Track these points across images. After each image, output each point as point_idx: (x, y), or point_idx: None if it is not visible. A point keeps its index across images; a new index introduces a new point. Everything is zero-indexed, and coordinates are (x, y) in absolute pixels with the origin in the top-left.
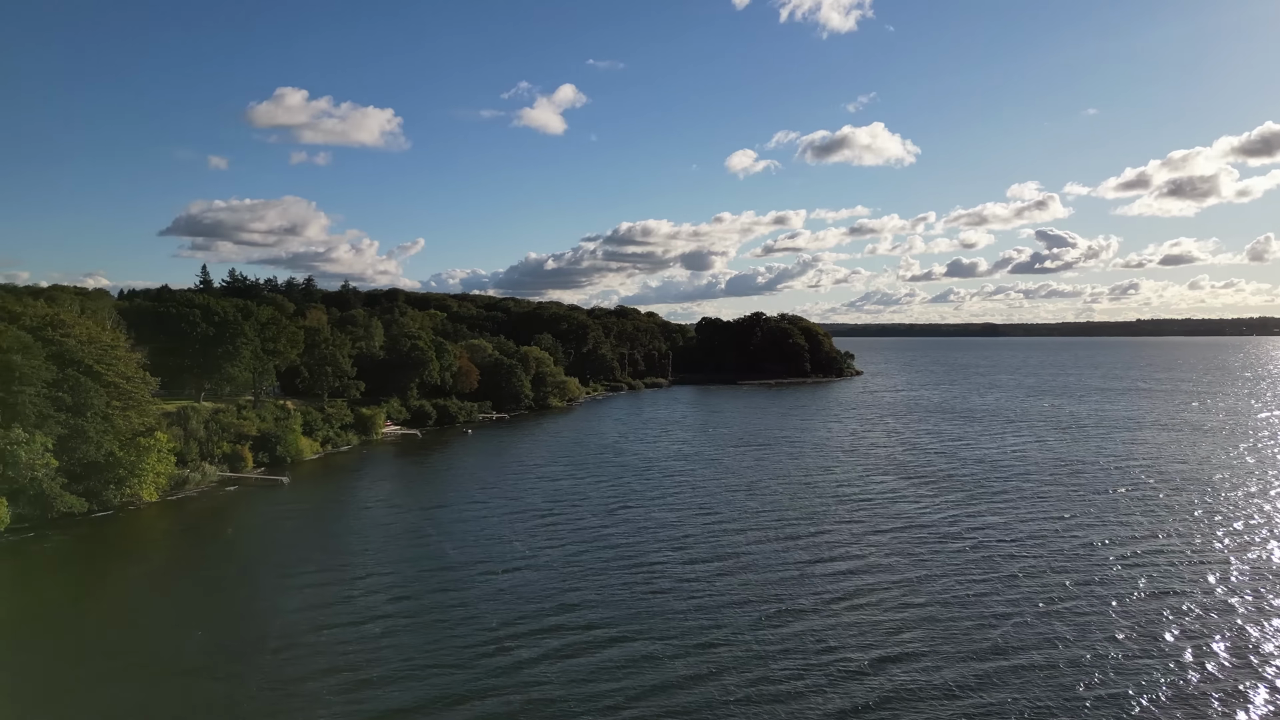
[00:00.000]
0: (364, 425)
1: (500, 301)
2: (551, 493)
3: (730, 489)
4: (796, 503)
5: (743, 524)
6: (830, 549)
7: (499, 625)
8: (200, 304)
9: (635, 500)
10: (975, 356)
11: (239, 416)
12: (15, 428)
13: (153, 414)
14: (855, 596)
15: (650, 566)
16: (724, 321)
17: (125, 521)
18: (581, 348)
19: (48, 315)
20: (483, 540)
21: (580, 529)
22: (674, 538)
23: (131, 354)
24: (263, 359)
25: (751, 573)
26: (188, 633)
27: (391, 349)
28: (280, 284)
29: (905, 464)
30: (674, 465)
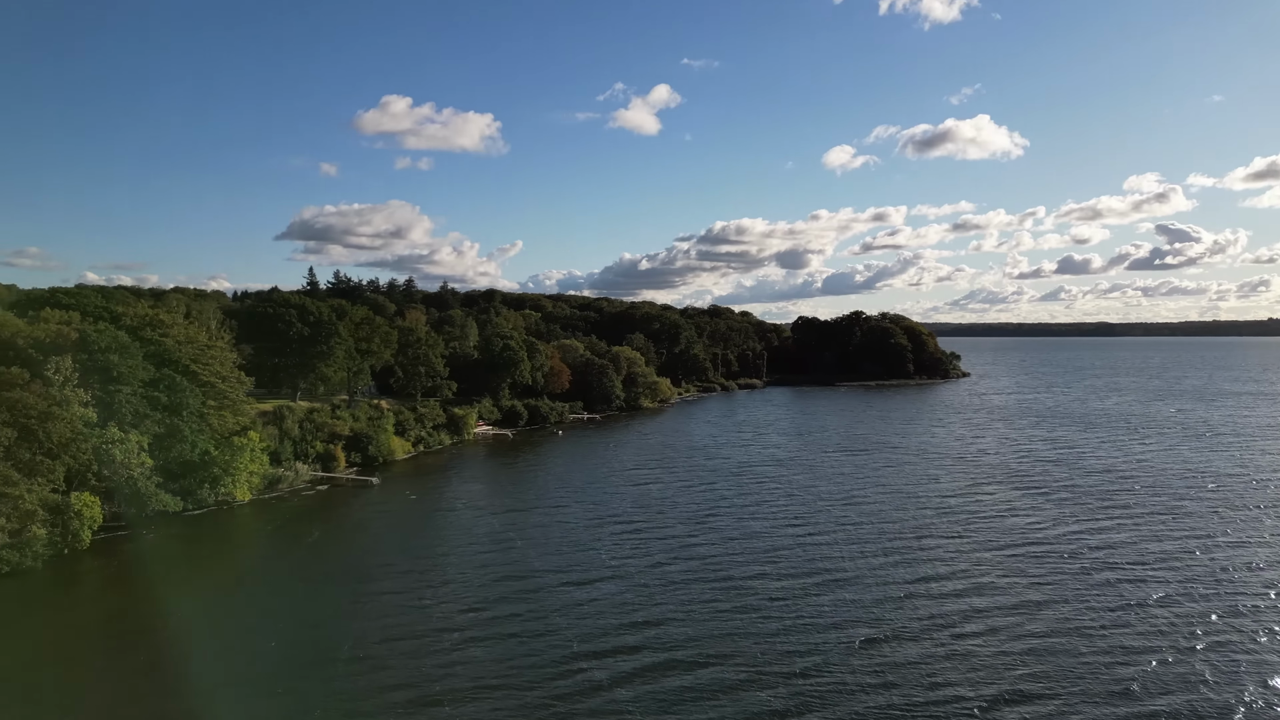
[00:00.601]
0: (456, 425)
1: (593, 301)
2: (639, 498)
3: (826, 498)
4: (898, 515)
5: (839, 537)
6: (935, 567)
7: (576, 642)
8: (296, 304)
9: (725, 508)
10: (1090, 357)
11: (332, 416)
12: (111, 427)
13: (247, 413)
14: (964, 623)
15: (738, 582)
16: (821, 321)
17: (217, 521)
18: (674, 348)
19: (147, 316)
20: (566, 548)
21: (667, 538)
22: (764, 550)
23: (228, 353)
24: (356, 359)
25: (847, 592)
26: (262, 641)
27: (484, 349)
28: (382, 285)
29: (1019, 473)
30: (767, 471)
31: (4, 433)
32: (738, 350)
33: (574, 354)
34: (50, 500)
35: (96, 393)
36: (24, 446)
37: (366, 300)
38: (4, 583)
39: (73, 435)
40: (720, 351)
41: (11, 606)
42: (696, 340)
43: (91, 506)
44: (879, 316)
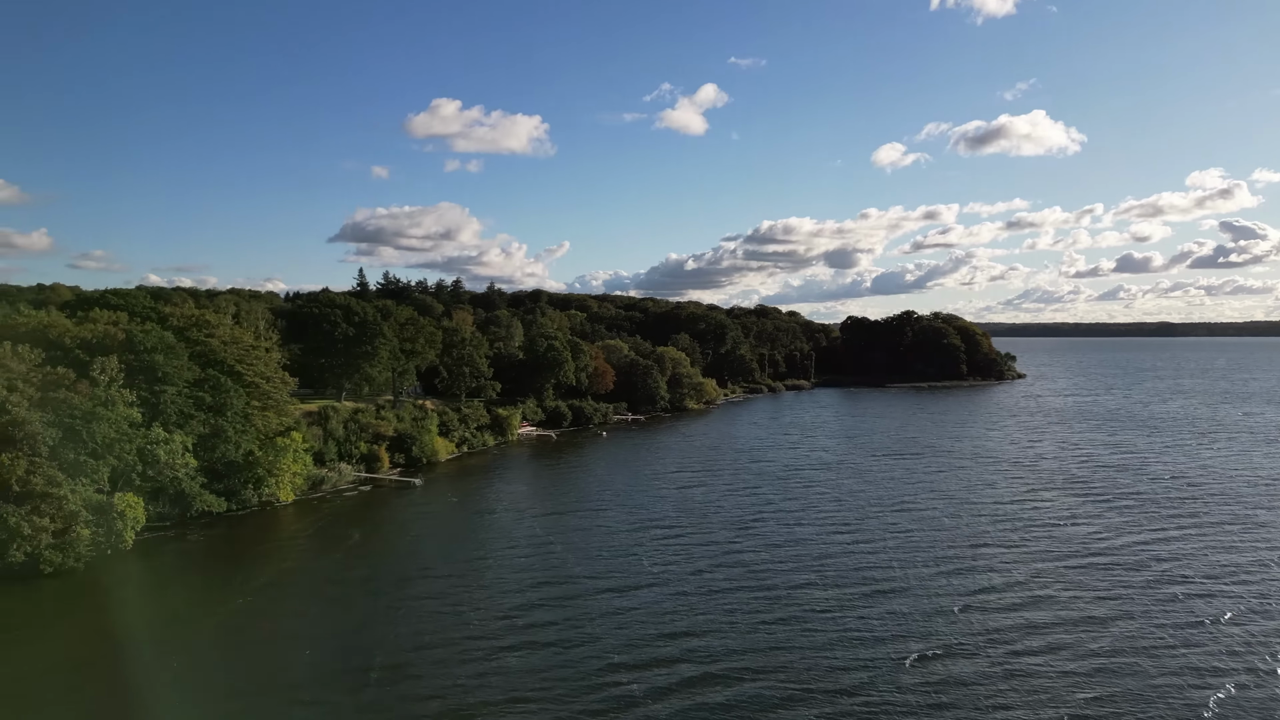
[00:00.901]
0: (500, 426)
1: (639, 301)
2: (682, 502)
3: (876, 503)
4: (951, 522)
5: (889, 545)
6: (991, 579)
7: (614, 652)
8: (342, 304)
9: (771, 513)
10: (1151, 358)
11: (377, 417)
12: (156, 427)
13: (291, 414)
14: (1022, 639)
15: (783, 591)
16: (871, 321)
17: (260, 522)
18: (720, 348)
19: (194, 316)
20: (607, 553)
21: (710, 544)
22: (811, 558)
23: (272, 354)
24: (401, 359)
25: (898, 603)
26: (294, 648)
27: (529, 349)
28: (430, 286)
29: (1079, 479)
30: (815, 475)
31: (49, 433)
32: (785, 351)
33: (618, 354)
34: (94, 500)
35: (142, 393)
36: (69, 447)
37: (414, 301)
38: (46, 583)
39: (117, 435)
40: (767, 352)
41: (50, 607)
42: (743, 340)
43: (135, 507)
44: (931, 316)
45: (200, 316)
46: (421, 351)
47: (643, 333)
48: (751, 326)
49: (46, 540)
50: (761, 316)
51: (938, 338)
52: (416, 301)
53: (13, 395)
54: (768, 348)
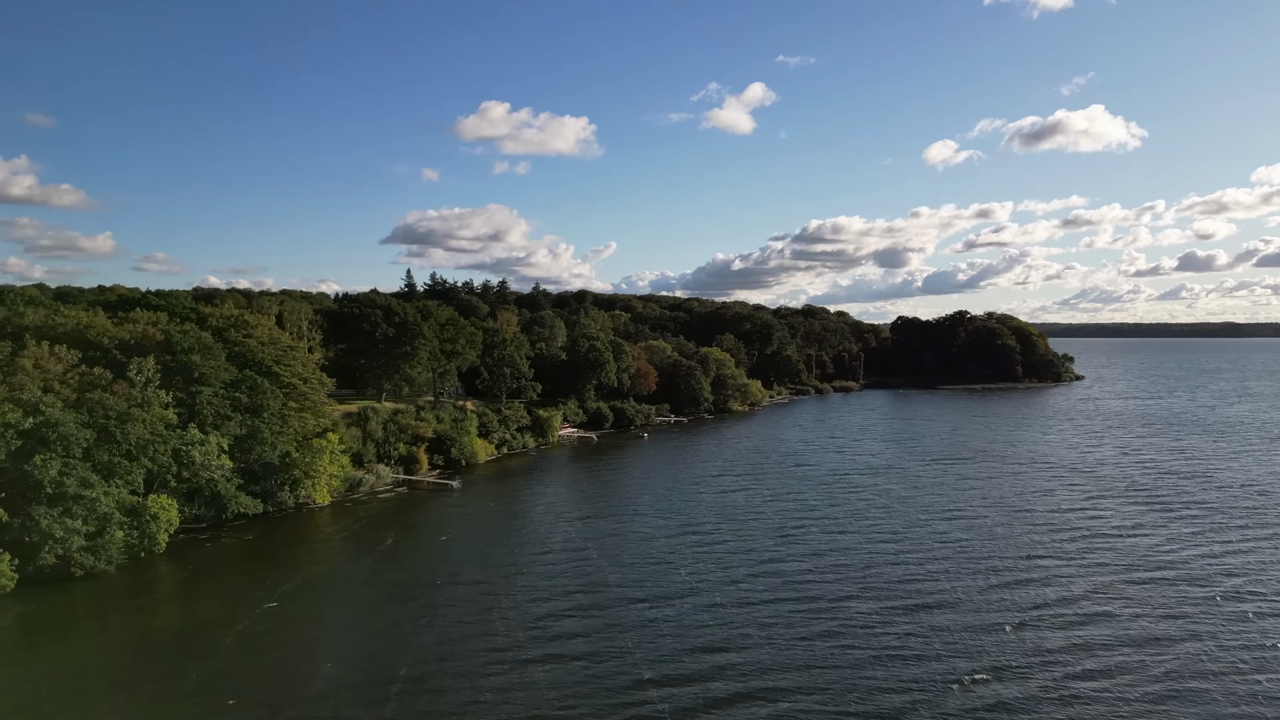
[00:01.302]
0: (540, 428)
1: (684, 302)
2: (722, 508)
3: (925, 511)
4: (1004, 532)
5: (938, 555)
6: (1046, 593)
7: (645, 667)
8: (382, 305)
9: (814, 521)
10: (1215, 359)
11: (416, 418)
12: (192, 428)
13: (328, 415)
14: (1079, 660)
15: (824, 604)
16: (922, 321)
17: (295, 524)
18: (765, 349)
19: (233, 317)
20: (641, 561)
21: (749, 552)
22: (854, 568)
23: (310, 355)
24: (441, 360)
25: (946, 619)
26: (317, 657)
27: (570, 350)
28: (476, 287)
29: (1141, 487)
30: (860, 480)
31: (83, 434)
32: (833, 351)
33: (661, 355)
34: (128, 502)
35: (178, 394)
36: (103, 448)
37: (460, 301)
38: (76, 586)
39: (151, 437)
40: (814, 353)
41: (77, 611)
42: (789, 341)
43: (169, 509)
44: (985, 316)
45: (239, 317)
46: (462, 352)
47: (687, 333)
48: (799, 327)
49: (78, 543)
50: (809, 317)
51: (991, 338)
52: (462, 302)
53: (46, 396)
54: (815, 348)
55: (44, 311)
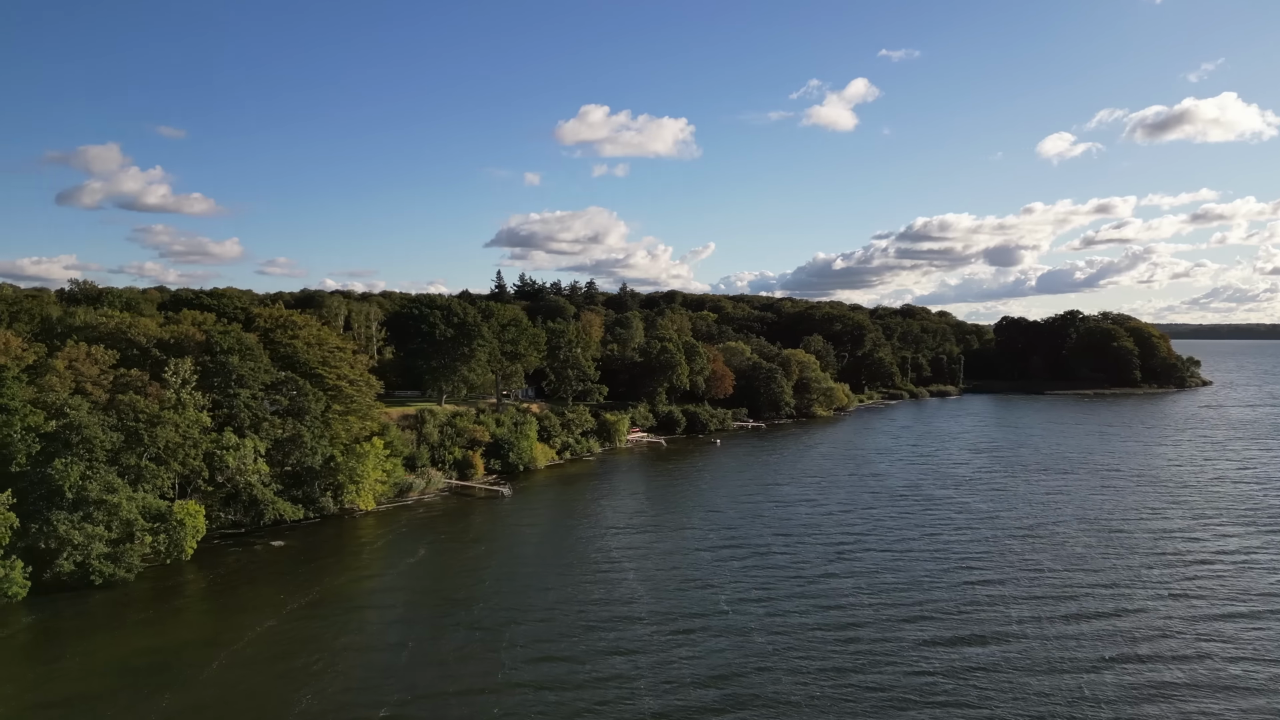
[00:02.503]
0: (606, 432)
1: (777, 302)
2: (780, 521)
3: (1007, 531)
4: (1098, 559)
5: (1013, 585)
6: (1138, 643)
7: (651, 695)
8: (442, 306)
9: (876, 538)
10: None
11: (475, 421)
12: (228, 431)
13: (375, 418)
14: (1163, 712)
15: (864, 635)
16: (1029, 321)
17: (333, 532)
18: (857, 350)
19: (280, 317)
20: (681, 581)
21: (798, 574)
22: (908, 595)
23: (359, 356)
24: (501, 361)
25: (1000, 655)
26: (303, 685)
27: (642, 351)
28: (565, 287)
29: (1263, 509)
30: (938, 493)
31: (110, 437)
32: (931, 354)
33: (740, 357)
34: (154, 508)
35: (214, 395)
36: (131, 452)
37: (547, 302)
38: (94, 594)
39: (181, 440)
40: (910, 355)
41: (76, 624)
42: (884, 343)
43: (195, 516)
44: (1099, 316)
45: (286, 318)
46: (524, 354)
47: (774, 334)
48: (895, 328)
49: (99, 549)
50: (907, 317)
51: (1106, 340)
52: (549, 303)
53: (73, 398)
54: (911, 350)
55: (84, 310)
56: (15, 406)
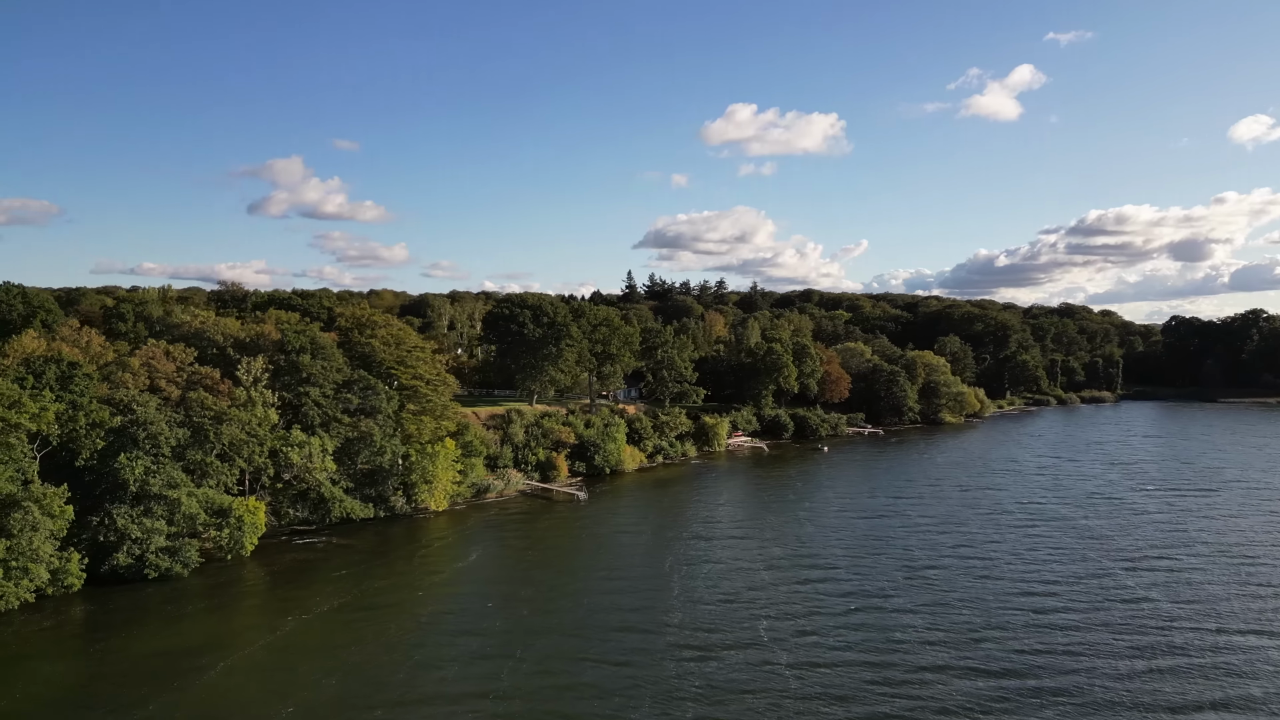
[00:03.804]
0: (705, 435)
1: (921, 300)
2: (859, 537)
3: (1114, 556)
4: (1211, 596)
5: (1099, 621)
6: (1242, 690)
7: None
8: (532, 305)
9: (959, 560)
10: None
11: (563, 422)
12: (296, 429)
13: (451, 418)
14: None
15: (901, 676)
16: (1202, 322)
17: (396, 532)
18: (999, 352)
19: (360, 317)
20: (721, 597)
21: (856, 596)
22: (972, 626)
23: (439, 356)
24: (591, 361)
25: (1065, 712)
26: (292, 694)
27: (748, 352)
28: (694, 287)
29: None
30: (1051, 510)
31: (177, 433)
32: (1087, 356)
33: (858, 359)
34: (216, 503)
35: (283, 394)
36: (197, 448)
37: (675, 302)
38: (147, 588)
39: (246, 437)
40: (1061, 358)
41: (108, 620)
42: (1032, 344)
43: (255, 513)
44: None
45: (367, 317)
46: (616, 354)
47: (909, 336)
48: (1048, 328)
49: (158, 543)
50: (1065, 316)
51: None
52: (677, 303)
53: (142, 395)
54: (1064, 353)
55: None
56: (83, 403)
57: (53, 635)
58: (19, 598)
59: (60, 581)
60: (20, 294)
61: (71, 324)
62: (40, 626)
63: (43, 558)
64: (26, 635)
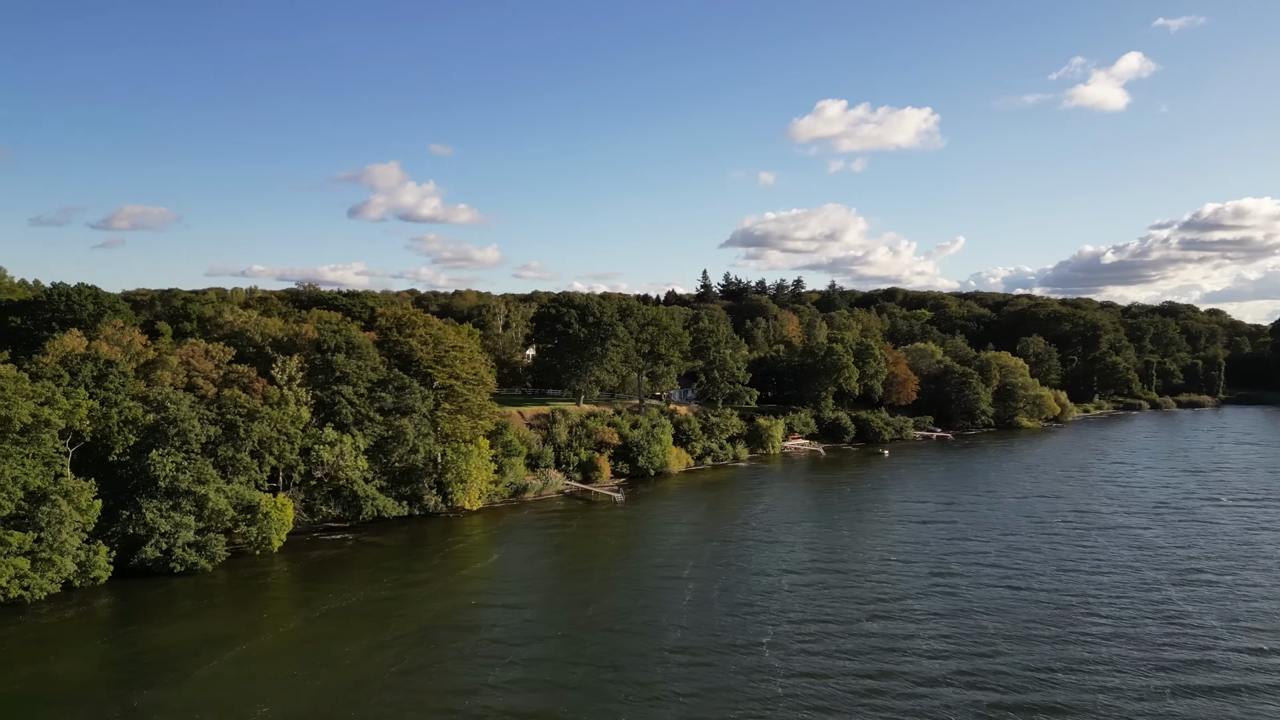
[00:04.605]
0: (758, 438)
1: (1012, 299)
2: (894, 544)
3: (1167, 568)
4: (1268, 613)
5: (1137, 643)
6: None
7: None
8: (579, 304)
9: (993, 568)
10: None
11: (608, 423)
12: (328, 428)
13: (489, 418)
14: None
15: (903, 686)
16: None
17: (425, 530)
18: (1088, 354)
19: (400, 316)
20: (732, 604)
21: (873, 604)
22: (993, 638)
23: (478, 356)
24: (638, 361)
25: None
26: (269, 699)
27: (808, 353)
28: (769, 286)
29: None
30: (1114, 520)
31: (209, 430)
32: (1188, 358)
33: (927, 360)
34: (245, 499)
35: (318, 393)
36: (228, 444)
37: (750, 301)
38: (172, 582)
39: (276, 435)
40: (1158, 360)
41: (121, 613)
42: (1125, 345)
43: (283, 510)
44: None
45: (406, 317)
46: (665, 354)
47: (991, 336)
48: (1147, 328)
49: (186, 537)
50: (1167, 315)
51: None
52: (752, 302)
53: (175, 393)
54: (1160, 354)
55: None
56: (116, 399)
57: (70, 626)
58: (44, 589)
59: (88, 573)
60: (92, 295)
61: (116, 323)
62: (61, 617)
63: (69, 550)
64: (44, 625)
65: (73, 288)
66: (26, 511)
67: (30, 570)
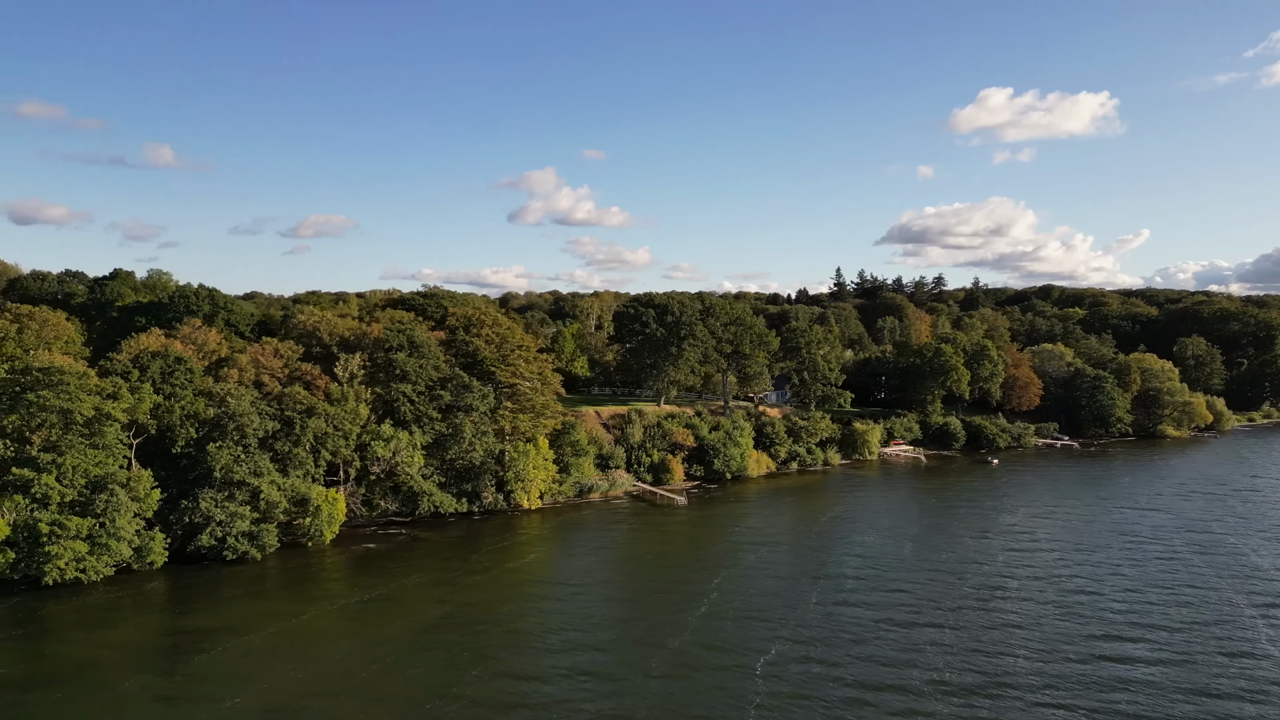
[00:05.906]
0: (852, 442)
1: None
2: (948, 558)
3: (1260, 604)
4: None
5: (1189, 698)
6: None
7: None
8: (659, 304)
9: (1049, 590)
10: None
11: (685, 424)
12: (386, 424)
13: (553, 417)
14: None
15: (901, 700)
16: None
17: (479, 528)
18: (1259, 356)
19: (469, 316)
20: (748, 620)
21: (892, 622)
22: (1018, 652)
23: (543, 356)
24: (719, 361)
25: None
26: (269, 695)
27: (915, 354)
28: (907, 284)
29: None
30: (1226, 541)
31: (267, 425)
32: None
33: (1056, 362)
34: (299, 493)
35: (377, 390)
36: (285, 439)
37: (884, 300)
38: (222, 569)
39: (331, 430)
40: None
41: (179, 594)
42: None
43: (334, 503)
44: None
45: (475, 317)
46: (749, 354)
47: (1145, 336)
48: None
49: (240, 526)
50: None
51: None
52: (886, 300)
53: (237, 389)
54: None
55: (302, 313)
56: (181, 394)
57: (121, 606)
58: (100, 572)
59: (144, 558)
60: (209, 296)
61: (194, 322)
62: (111, 596)
63: (125, 536)
64: (91, 606)
65: (194, 289)
66: (87, 498)
67: (88, 554)
